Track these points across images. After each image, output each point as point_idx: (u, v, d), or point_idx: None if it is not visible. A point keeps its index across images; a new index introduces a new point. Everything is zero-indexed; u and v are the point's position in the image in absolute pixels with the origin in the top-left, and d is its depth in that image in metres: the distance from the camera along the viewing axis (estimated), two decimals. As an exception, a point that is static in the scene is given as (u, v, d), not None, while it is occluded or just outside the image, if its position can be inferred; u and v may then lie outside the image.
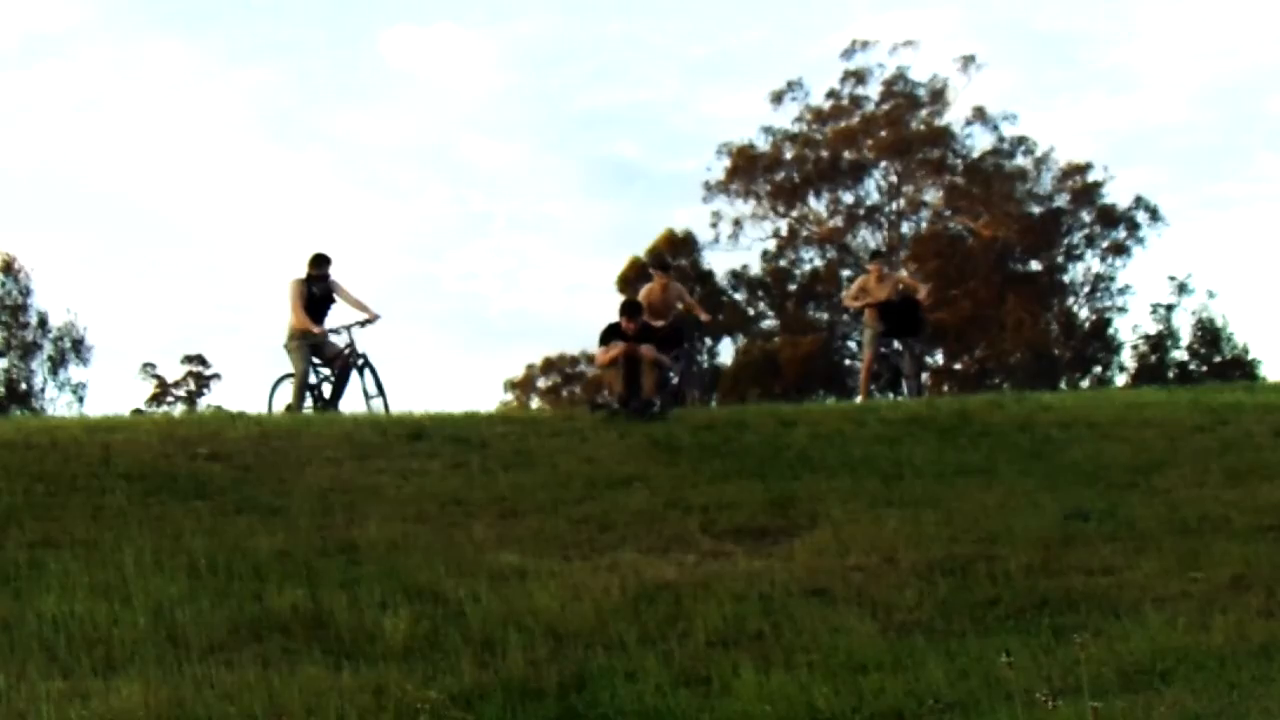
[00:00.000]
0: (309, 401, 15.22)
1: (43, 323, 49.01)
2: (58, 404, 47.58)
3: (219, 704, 5.89)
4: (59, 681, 6.24)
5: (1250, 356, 47.07)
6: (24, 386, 48.69)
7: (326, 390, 15.34)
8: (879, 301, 17.76)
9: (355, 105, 74.54)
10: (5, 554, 8.25)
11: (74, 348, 49.19)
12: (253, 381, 69.82)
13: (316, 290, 15.08)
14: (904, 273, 19.06)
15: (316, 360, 15.23)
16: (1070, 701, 4.89)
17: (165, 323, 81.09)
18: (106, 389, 71.02)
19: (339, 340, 15.26)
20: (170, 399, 51.24)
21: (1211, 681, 5.75)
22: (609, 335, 14.57)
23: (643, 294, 16.89)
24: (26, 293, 49.03)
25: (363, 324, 15.21)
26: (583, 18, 72.02)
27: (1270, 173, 67.48)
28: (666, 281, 17.31)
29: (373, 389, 15.23)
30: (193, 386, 52.27)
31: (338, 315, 15.46)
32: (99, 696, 6.02)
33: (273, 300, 76.14)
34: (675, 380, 16.44)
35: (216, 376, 52.95)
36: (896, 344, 18.01)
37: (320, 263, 15.17)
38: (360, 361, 15.24)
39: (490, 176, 74.95)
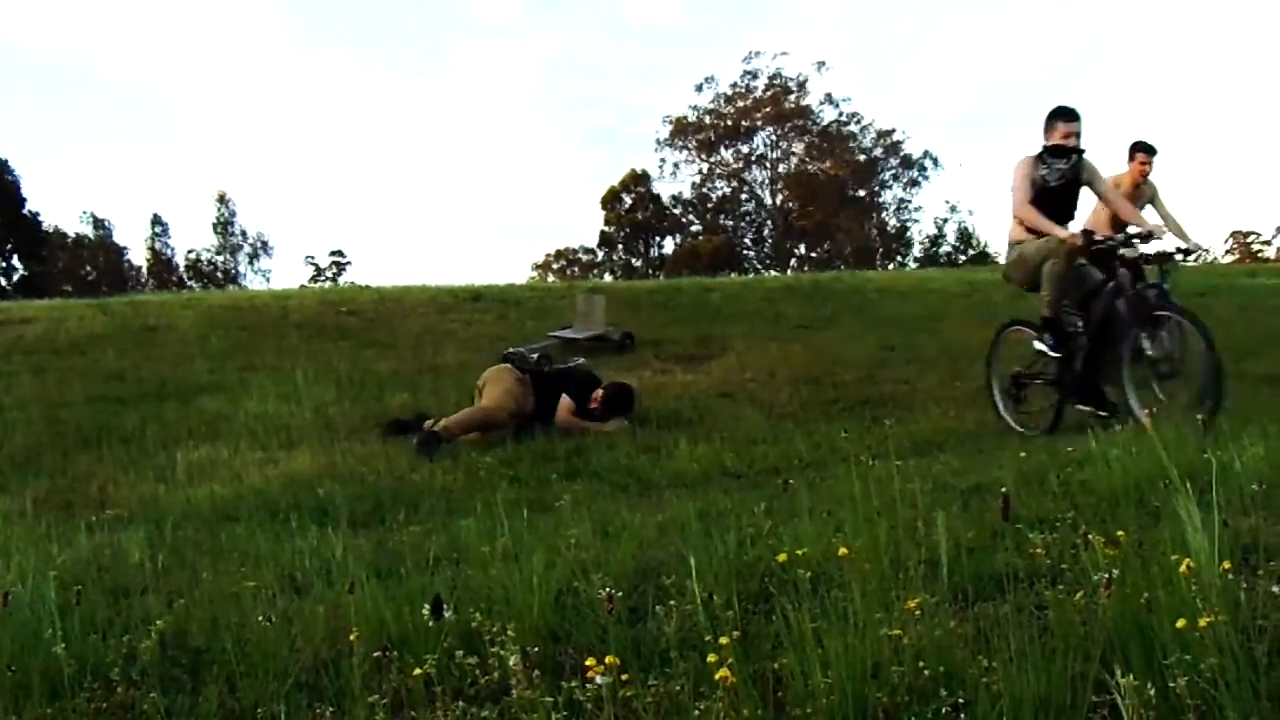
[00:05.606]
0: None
1: (243, 232, 50.50)
2: (253, 283, 48.56)
3: (357, 466, 5.88)
4: (259, 453, 6.23)
5: (989, 250, 47.33)
6: (233, 272, 50.14)
7: None
8: None
9: (431, 78, 72.39)
10: (225, 374, 8.18)
11: (262, 247, 50.60)
12: (372, 265, 69.82)
13: None
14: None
15: None
16: (883, 461, 4.90)
17: (318, 228, 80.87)
18: (283, 272, 70.97)
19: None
20: (322, 278, 50.93)
21: (967, 449, 5.78)
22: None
23: (1111, 179, 6.40)
24: (233, 214, 50.36)
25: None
26: (585, 41, 70.93)
27: (1007, 135, 67.18)
28: (1149, 164, 7.42)
29: None
30: (336, 270, 51.90)
31: None
32: (283, 462, 6.01)
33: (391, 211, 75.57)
34: None
35: (350, 263, 52.69)
36: None
37: None
38: None
39: (520, 139, 74.31)
